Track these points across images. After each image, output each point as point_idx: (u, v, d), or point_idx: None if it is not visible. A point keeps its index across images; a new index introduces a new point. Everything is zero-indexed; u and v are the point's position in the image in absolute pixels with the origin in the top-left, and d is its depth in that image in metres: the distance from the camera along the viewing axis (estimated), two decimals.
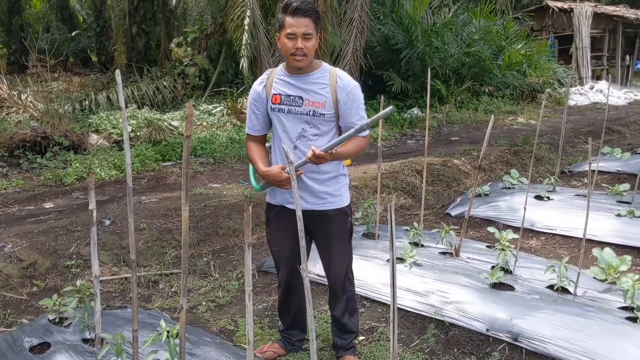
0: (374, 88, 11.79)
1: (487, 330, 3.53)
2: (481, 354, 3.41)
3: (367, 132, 2.95)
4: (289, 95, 2.92)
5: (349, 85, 2.91)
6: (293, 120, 2.93)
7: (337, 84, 2.89)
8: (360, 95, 2.95)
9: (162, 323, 2.63)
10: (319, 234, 3.10)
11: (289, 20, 2.79)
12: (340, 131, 2.97)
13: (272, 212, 3.15)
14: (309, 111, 2.89)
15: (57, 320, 3.40)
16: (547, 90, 13.32)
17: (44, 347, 3.13)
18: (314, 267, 4.16)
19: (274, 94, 2.96)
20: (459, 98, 12.68)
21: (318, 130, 2.93)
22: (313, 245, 3.22)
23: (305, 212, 3.00)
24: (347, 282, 3.23)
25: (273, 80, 2.98)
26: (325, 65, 2.97)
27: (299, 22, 2.77)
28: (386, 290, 4.05)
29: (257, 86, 3.03)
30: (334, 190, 3.01)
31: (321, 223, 3.03)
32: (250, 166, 3.20)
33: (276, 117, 2.97)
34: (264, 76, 3.05)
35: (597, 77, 18.39)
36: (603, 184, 6.72)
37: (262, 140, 3.12)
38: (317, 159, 2.77)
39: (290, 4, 2.79)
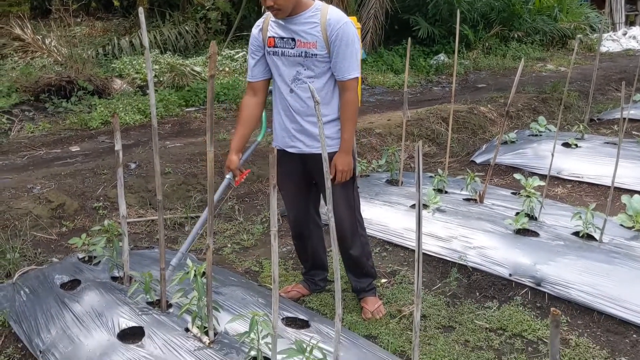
0: (399, 33, 11.51)
1: (510, 275, 3.54)
2: (503, 298, 3.43)
3: (352, 94, 2.90)
4: (282, 38, 2.89)
5: (339, 21, 2.83)
6: (287, 62, 2.90)
7: (327, 21, 2.82)
8: (351, 32, 2.84)
9: (189, 262, 2.68)
10: (320, 177, 3.07)
11: None
12: None
13: (277, 155, 3.13)
14: (301, 52, 2.86)
15: (86, 258, 3.49)
16: (579, 36, 12.89)
17: (74, 284, 3.22)
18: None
19: (269, 37, 2.93)
20: (486, 44, 12.33)
21: (312, 72, 2.89)
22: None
23: (306, 156, 3.01)
24: (358, 225, 3.20)
25: (269, 23, 2.94)
26: (317, 3, 2.89)
27: None
28: (409, 235, 4.07)
29: (255, 30, 3.00)
30: (332, 133, 2.98)
31: (322, 166, 2.99)
32: (264, 113, 3.21)
33: (272, 61, 2.95)
34: (260, 20, 3.00)
35: (630, 22, 17.69)
36: (634, 132, 6.57)
37: (260, 94, 3.07)
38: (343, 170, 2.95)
39: None
